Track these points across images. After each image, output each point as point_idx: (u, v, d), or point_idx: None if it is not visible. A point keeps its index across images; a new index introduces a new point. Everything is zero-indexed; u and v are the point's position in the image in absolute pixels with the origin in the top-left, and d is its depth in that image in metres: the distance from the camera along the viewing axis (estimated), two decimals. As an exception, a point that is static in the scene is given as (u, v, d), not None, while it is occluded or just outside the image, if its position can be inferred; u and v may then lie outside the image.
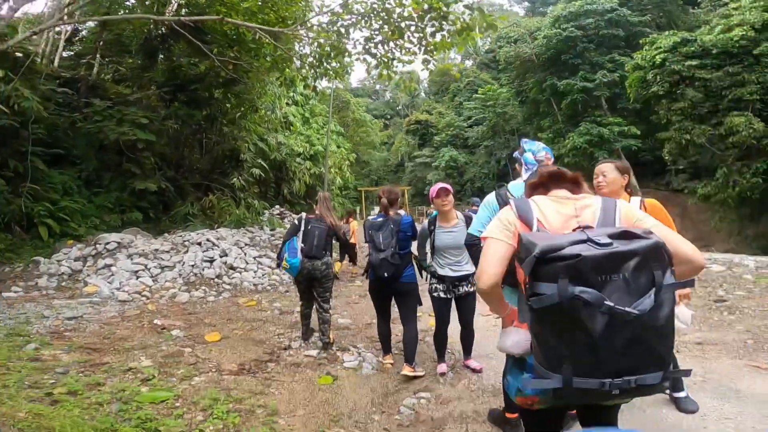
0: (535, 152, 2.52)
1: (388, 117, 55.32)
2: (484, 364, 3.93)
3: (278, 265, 4.60)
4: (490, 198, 2.56)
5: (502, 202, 2.36)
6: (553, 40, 22.77)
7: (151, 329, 4.96)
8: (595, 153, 21.38)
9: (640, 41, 18.84)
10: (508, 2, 46.69)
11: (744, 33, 14.64)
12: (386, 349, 4.13)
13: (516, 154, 2.64)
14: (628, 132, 20.87)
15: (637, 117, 21.27)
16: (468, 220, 3.56)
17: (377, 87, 65.89)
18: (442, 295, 3.70)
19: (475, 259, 2.18)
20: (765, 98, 14.94)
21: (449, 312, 3.78)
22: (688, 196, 18.39)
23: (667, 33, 17.84)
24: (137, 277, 6.84)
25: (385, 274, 3.58)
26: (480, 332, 4.13)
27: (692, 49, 16.13)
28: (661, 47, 16.84)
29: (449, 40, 7.80)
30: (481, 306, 2.72)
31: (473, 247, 2.44)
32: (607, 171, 2.72)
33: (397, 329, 4.26)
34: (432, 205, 3.71)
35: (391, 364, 4.02)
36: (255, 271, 7.99)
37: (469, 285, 3.66)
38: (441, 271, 3.67)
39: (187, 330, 5.02)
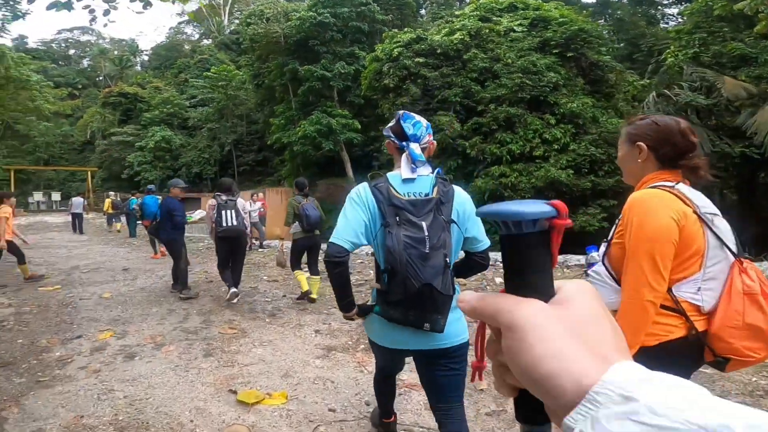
0: (420, 138, 1.73)
1: (80, 87, 43.49)
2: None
3: None
4: (363, 191, 1.59)
5: (382, 198, 1.52)
6: (306, 24, 22.08)
7: None
8: (322, 143, 21.23)
9: (383, 36, 19.91)
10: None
11: (462, 38, 17.13)
12: None
13: (388, 132, 1.75)
14: (352, 125, 21.59)
15: (359, 112, 22.29)
16: None
17: (72, 52, 51.84)
18: None
19: (338, 283, 1.55)
20: (463, 101, 17.23)
21: None
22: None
23: (406, 29, 19.50)
24: None
25: None
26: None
27: (422, 47, 17.68)
28: (399, 41, 17.98)
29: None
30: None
31: (337, 266, 1.50)
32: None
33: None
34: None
35: None
36: None
37: None
38: None
39: None
